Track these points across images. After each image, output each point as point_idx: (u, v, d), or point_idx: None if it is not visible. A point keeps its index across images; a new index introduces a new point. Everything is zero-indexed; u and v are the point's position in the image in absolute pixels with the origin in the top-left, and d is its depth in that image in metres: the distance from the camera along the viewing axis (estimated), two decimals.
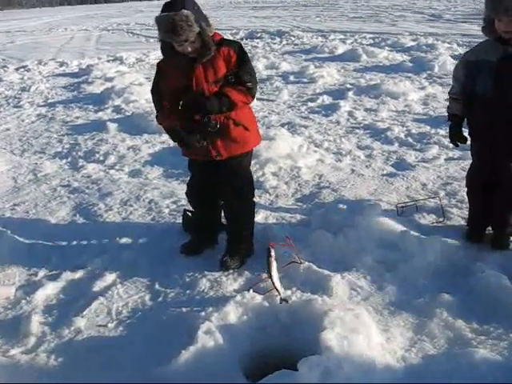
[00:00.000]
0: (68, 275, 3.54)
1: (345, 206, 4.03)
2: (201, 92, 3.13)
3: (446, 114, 3.69)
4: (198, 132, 3.15)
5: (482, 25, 3.28)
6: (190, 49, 3.04)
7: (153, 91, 3.38)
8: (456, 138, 3.59)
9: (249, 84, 3.16)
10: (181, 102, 3.28)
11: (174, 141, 3.34)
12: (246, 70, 3.18)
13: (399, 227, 3.72)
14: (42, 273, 3.62)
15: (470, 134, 3.56)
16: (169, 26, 2.90)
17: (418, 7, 33.74)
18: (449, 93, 3.64)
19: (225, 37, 3.25)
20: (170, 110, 3.27)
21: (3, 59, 16.55)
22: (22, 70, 13.68)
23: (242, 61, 3.18)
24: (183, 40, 2.96)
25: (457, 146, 3.67)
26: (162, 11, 2.97)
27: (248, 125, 3.32)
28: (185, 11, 2.89)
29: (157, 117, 3.41)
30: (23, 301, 3.30)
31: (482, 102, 3.30)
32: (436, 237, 3.61)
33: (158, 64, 3.36)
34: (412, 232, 3.66)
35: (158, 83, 3.33)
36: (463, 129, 3.59)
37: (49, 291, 3.37)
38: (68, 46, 19.94)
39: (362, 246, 3.46)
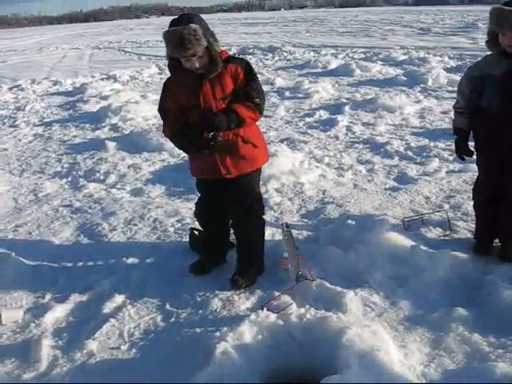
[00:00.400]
0: (76, 297, 3.49)
1: (352, 222, 4.02)
2: (209, 109, 3.12)
3: (452, 127, 3.69)
4: (206, 148, 3.13)
5: (485, 39, 3.29)
6: (197, 64, 3.04)
7: (160, 109, 3.36)
8: (462, 151, 3.58)
9: (257, 100, 3.16)
10: (188, 120, 3.26)
11: (180, 146, 3.29)
12: (254, 87, 3.19)
13: (408, 242, 3.72)
14: (49, 295, 3.56)
15: (475, 148, 3.55)
16: (177, 40, 2.91)
17: (407, 21, 34.17)
18: (454, 107, 3.63)
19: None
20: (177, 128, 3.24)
21: None
22: (16, 89, 13.65)
23: (250, 77, 3.19)
24: (191, 54, 2.97)
25: (463, 159, 3.67)
26: (170, 27, 2.98)
27: (256, 142, 3.32)
28: (193, 25, 2.91)
29: (164, 131, 3.38)
30: (32, 324, 3.24)
31: (488, 116, 3.31)
32: (444, 251, 3.61)
33: (165, 82, 3.35)
34: (420, 246, 3.66)
35: (164, 101, 3.33)
36: (468, 142, 3.59)
37: (57, 314, 3.32)
38: (60, 65, 19.96)
39: (373, 262, 3.46)
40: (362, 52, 17.06)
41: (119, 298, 3.42)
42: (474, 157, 3.60)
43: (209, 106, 3.13)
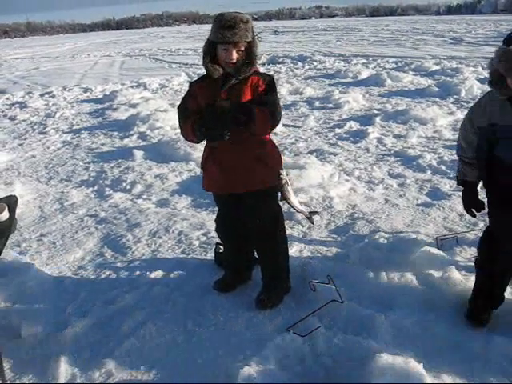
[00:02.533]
0: (97, 312, 3.40)
1: (383, 240, 3.87)
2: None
3: (456, 177, 3.16)
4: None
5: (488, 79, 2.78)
6: (234, 56, 2.92)
7: (179, 107, 3.20)
8: (473, 206, 3.06)
9: (271, 108, 2.99)
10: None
11: (200, 133, 3.02)
12: (271, 99, 3.03)
13: (441, 263, 3.55)
14: (70, 308, 3.49)
15: (489, 201, 3.05)
16: (228, 22, 2.85)
17: (438, 30, 33.82)
18: (459, 154, 3.07)
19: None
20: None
21: (28, 85, 16.78)
22: (47, 96, 13.84)
23: (270, 91, 3.05)
24: (234, 41, 2.87)
25: (474, 215, 3.12)
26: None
27: (269, 161, 3.16)
28: (247, 15, 2.91)
29: (181, 131, 3.20)
30: (51, 340, 3.16)
31: (507, 167, 2.81)
32: None
33: (191, 83, 3.25)
34: (455, 268, 3.49)
35: (186, 101, 3.18)
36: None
37: (77, 329, 3.23)
38: (92, 72, 20.19)
39: (405, 284, 3.30)
40: (393, 62, 16.87)
41: (141, 315, 3.33)
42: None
43: None
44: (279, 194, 3.05)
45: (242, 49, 2.94)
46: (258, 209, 3.23)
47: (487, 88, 2.82)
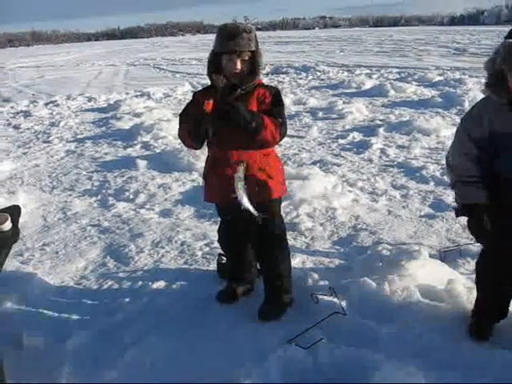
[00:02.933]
0: (99, 322, 3.39)
1: (386, 252, 3.86)
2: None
3: (456, 206, 2.82)
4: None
5: (485, 81, 2.58)
6: (238, 66, 2.94)
7: (181, 114, 3.20)
8: (486, 234, 2.64)
9: (281, 120, 3.01)
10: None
11: (191, 128, 3.04)
12: (279, 111, 3.05)
13: (445, 275, 3.54)
14: (72, 319, 3.48)
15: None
16: (230, 32, 2.90)
17: (442, 41, 33.89)
18: (455, 177, 2.73)
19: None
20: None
21: (33, 94, 16.87)
22: (51, 104, 13.89)
23: (277, 103, 3.07)
24: (238, 50, 2.90)
25: (487, 243, 2.81)
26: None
27: (272, 173, 3.17)
28: (250, 25, 2.96)
29: (179, 134, 3.18)
30: (53, 350, 3.15)
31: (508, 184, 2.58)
32: None
33: (195, 93, 3.26)
34: (458, 280, 3.49)
35: (187, 108, 3.18)
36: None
37: (79, 340, 3.22)
38: (96, 81, 20.28)
39: (408, 296, 3.28)
40: (396, 72, 16.90)
41: (143, 325, 3.32)
42: None
43: None
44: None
45: (246, 58, 2.96)
46: (260, 220, 3.23)
47: None
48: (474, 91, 11.26)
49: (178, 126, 3.17)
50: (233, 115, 2.86)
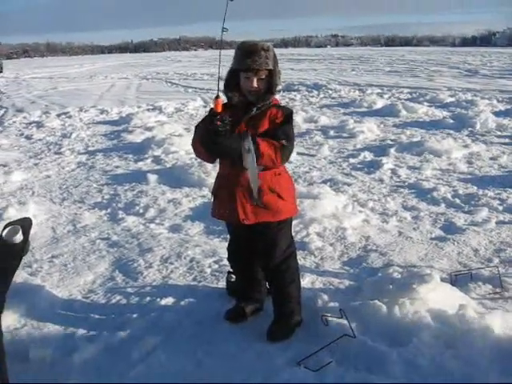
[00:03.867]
0: (107, 337, 3.38)
1: (397, 275, 3.82)
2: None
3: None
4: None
5: None
6: (255, 85, 2.96)
7: (198, 125, 3.17)
8: None
9: (282, 141, 2.96)
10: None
11: (205, 139, 2.95)
12: (285, 130, 3.03)
13: (456, 299, 3.49)
14: (79, 333, 3.46)
15: None
16: (249, 50, 2.92)
17: (453, 62, 33.96)
18: None
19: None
20: None
21: (46, 105, 16.99)
22: (64, 116, 14.00)
23: (286, 122, 3.06)
24: (256, 68, 2.92)
25: None
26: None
27: (283, 193, 3.15)
28: (269, 43, 2.97)
29: (192, 145, 3.16)
30: (60, 364, 3.14)
31: None
32: (496, 311, 3.40)
33: (211, 108, 3.25)
34: (470, 305, 3.44)
35: (205, 120, 3.18)
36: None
37: (86, 354, 3.20)
38: (108, 94, 20.41)
39: (418, 320, 3.23)
40: (407, 92, 16.94)
41: (150, 342, 3.29)
42: None
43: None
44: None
45: (263, 77, 2.97)
46: (270, 241, 3.22)
47: (502, 121, 2.67)
48: (486, 113, 11.26)
49: (192, 137, 3.16)
50: (220, 141, 2.83)
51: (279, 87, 3.10)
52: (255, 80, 2.96)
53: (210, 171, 6.75)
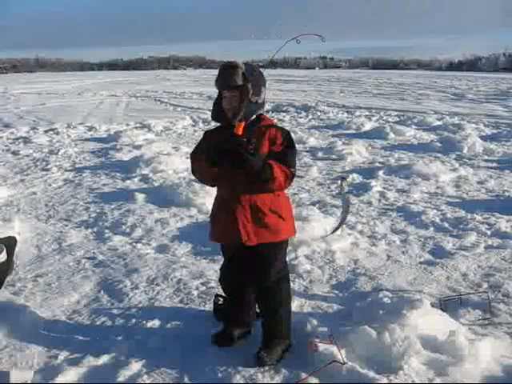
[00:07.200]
0: (90, 360, 3.29)
1: (386, 299, 3.78)
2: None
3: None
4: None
5: None
6: (228, 101, 2.99)
7: (194, 151, 3.18)
8: None
9: (292, 170, 3.01)
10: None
11: (209, 156, 2.98)
12: (293, 159, 3.06)
13: (446, 325, 3.45)
14: (62, 355, 3.37)
15: None
16: (219, 71, 3.00)
17: (440, 86, 34.40)
18: None
19: None
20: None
21: (34, 121, 16.93)
22: (52, 132, 13.94)
23: (290, 146, 3.07)
24: (226, 86, 2.97)
25: None
26: None
27: (283, 213, 3.16)
28: (239, 63, 2.98)
29: (194, 170, 3.19)
30: None
31: None
32: (486, 338, 3.38)
33: (206, 132, 3.28)
34: (459, 331, 3.40)
35: (201, 145, 3.18)
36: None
37: (69, 377, 3.12)
38: (97, 111, 20.38)
39: (409, 346, 3.19)
40: (395, 115, 17.08)
41: (135, 366, 3.22)
42: None
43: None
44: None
45: (235, 94, 2.98)
46: (268, 262, 3.20)
47: (489, 145, 2.73)
48: (473, 137, 11.34)
49: (191, 165, 3.19)
50: (244, 161, 2.84)
51: (261, 102, 3.08)
52: (228, 97, 3.00)
53: (199, 191, 6.70)
